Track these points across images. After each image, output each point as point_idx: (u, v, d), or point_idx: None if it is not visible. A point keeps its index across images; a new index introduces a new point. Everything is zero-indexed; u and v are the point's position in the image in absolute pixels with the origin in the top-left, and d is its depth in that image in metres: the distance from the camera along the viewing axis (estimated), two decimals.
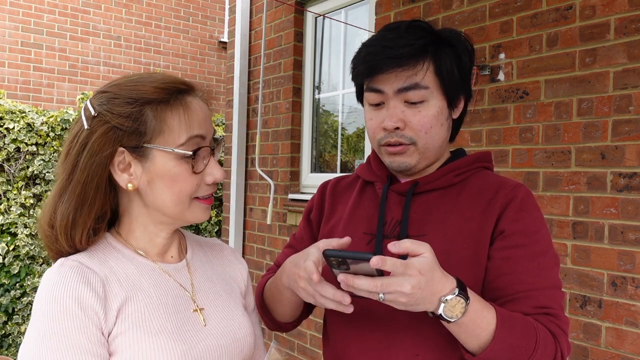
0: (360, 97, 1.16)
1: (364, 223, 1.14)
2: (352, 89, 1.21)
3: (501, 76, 2.47)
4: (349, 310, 0.90)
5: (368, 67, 1.04)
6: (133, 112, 0.89)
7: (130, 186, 0.91)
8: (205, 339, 0.94)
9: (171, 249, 1.02)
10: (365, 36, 3.40)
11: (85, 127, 0.90)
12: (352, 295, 0.87)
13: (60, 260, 0.89)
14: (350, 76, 1.13)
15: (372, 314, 1.03)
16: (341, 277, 0.84)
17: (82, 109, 0.94)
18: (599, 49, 2.15)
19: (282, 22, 3.85)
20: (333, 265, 0.85)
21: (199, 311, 0.97)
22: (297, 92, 3.79)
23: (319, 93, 3.80)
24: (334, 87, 3.73)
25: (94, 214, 0.92)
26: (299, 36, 3.79)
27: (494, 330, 0.89)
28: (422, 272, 0.82)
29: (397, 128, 1.04)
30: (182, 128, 0.90)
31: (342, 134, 3.69)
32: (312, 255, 0.95)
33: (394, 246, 0.82)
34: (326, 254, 0.83)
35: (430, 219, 1.07)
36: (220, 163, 1.04)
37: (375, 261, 0.78)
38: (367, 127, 1.11)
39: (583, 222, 2.18)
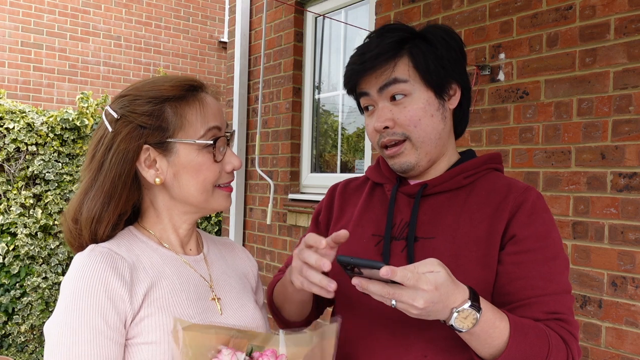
0: (361, 109, 1.19)
1: (373, 225, 1.14)
2: None
3: (501, 76, 2.47)
4: (330, 295, 0.93)
5: (350, 76, 1.09)
6: (155, 110, 0.96)
7: (157, 180, 0.97)
8: None
9: (190, 242, 1.08)
10: (365, 36, 3.40)
11: (110, 129, 0.97)
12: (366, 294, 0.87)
13: (91, 246, 0.94)
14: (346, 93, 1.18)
15: (382, 315, 1.03)
16: (355, 281, 0.84)
17: (103, 114, 1.01)
18: (599, 49, 2.15)
19: (282, 22, 3.85)
20: (347, 270, 0.86)
21: (216, 300, 1.02)
22: (297, 92, 3.79)
23: (319, 93, 3.80)
24: (334, 87, 3.73)
25: (120, 210, 0.98)
26: (299, 36, 3.79)
27: (507, 339, 0.89)
28: (437, 288, 0.81)
29: (387, 127, 1.07)
30: (200, 121, 0.97)
31: (342, 134, 3.69)
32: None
33: (385, 272, 0.79)
34: (339, 260, 0.84)
35: (439, 221, 1.07)
36: None
37: (385, 272, 0.78)
38: (366, 132, 1.14)
39: (583, 222, 2.18)
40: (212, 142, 0.97)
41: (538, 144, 2.33)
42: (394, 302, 0.82)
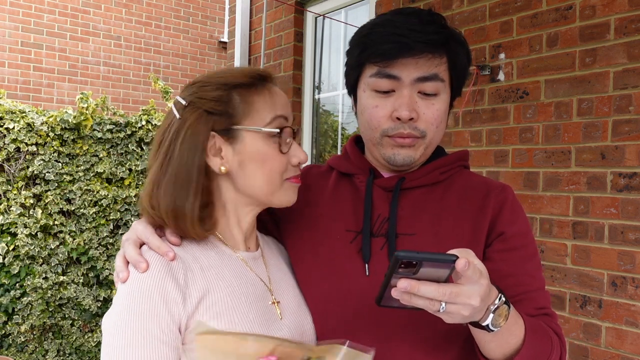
0: (354, 84, 1.07)
1: (345, 219, 1.07)
2: None
3: (501, 76, 2.47)
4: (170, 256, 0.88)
5: (392, 48, 0.96)
6: (222, 96, 0.93)
7: (222, 169, 0.93)
8: (280, 332, 0.95)
9: (251, 237, 1.03)
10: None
11: (177, 117, 0.94)
12: (388, 306, 0.80)
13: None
14: (357, 57, 1.03)
15: (361, 317, 0.99)
16: (404, 283, 0.72)
17: (172, 104, 0.98)
18: (599, 49, 2.15)
19: (282, 22, 3.86)
20: (394, 270, 0.73)
21: (276, 304, 0.98)
22: (297, 92, 3.79)
23: (319, 93, 3.80)
24: (334, 87, 3.73)
25: (199, 201, 0.92)
26: (299, 36, 3.79)
27: (523, 337, 0.87)
28: (489, 283, 0.76)
29: (411, 119, 0.99)
30: (267, 109, 0.94)
31: (342, 134, 3.69)
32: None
33: (464, 264, 0.72)
34: (400, 256, 0.71)
35: (418, 216, 1.04)
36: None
37: (463, 264, 0.71)
38: (371, 115, 1.01)
39: (583, 222, 2.18)
40: (278, 130, 0.93)
41: (538, 144, 2.33)
42: (443, 305, 0.74)
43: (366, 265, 1.02)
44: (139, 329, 0.84)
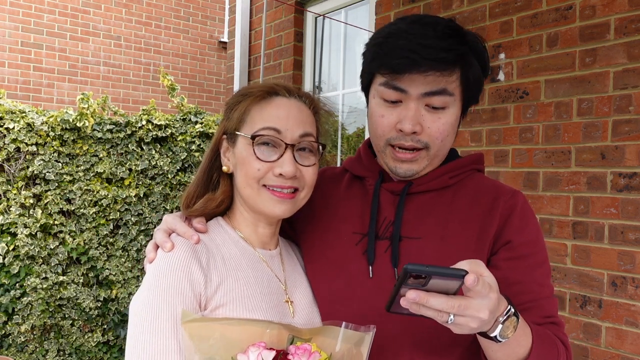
0: (367, 87, 1.09)
1: (353, 221, 1.08)
2: (352, 89, 1.16)
3: (501, 76, 2.47)
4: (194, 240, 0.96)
5: (400, 63, 0.95)
6: (232, 104, 1.05)
7: (225, 169, 1.05)
8: None
9: (271, 242, 1.09)
10: (365, 36, 3.40)
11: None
12: (398, 313, 0.80)
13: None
14: (368, 65, 1.04)
15: (370, 318, 0.98)
16: (412, 294, 0.73)
17: None
18: (599, 49, 2.15)
19: (282, 22, 3.86)
20: (404, 281, 0.74)
21: (289, 303, 1.02)
22: None
23: (319, 93, 3.80)
24: (334, 87, 3.73)
25: (216, 199, 1.05)
26: (299, 36, 3.79)
27: (530, 347, 0.87)
28: (498, 296, 0.76)
29: (415, 132, 0.99)
30: (260, 119, 1.00)
31: (342, 134, 3.69)
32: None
33: (473, 280, 0.72)
34: (409, 270, 0.71)
35: (424, 220, 1.04)
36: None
37: (472, 280, 0.71)
38: (377, 123, 1.03)
39: (583, 222, 2.18)
40: (249, 136, 0.99)
41: (538, 144, 2.33)
42: (452, 317, 0.74)
43: (370, 267, 1.02)
44: (165, 303, 0.88)
